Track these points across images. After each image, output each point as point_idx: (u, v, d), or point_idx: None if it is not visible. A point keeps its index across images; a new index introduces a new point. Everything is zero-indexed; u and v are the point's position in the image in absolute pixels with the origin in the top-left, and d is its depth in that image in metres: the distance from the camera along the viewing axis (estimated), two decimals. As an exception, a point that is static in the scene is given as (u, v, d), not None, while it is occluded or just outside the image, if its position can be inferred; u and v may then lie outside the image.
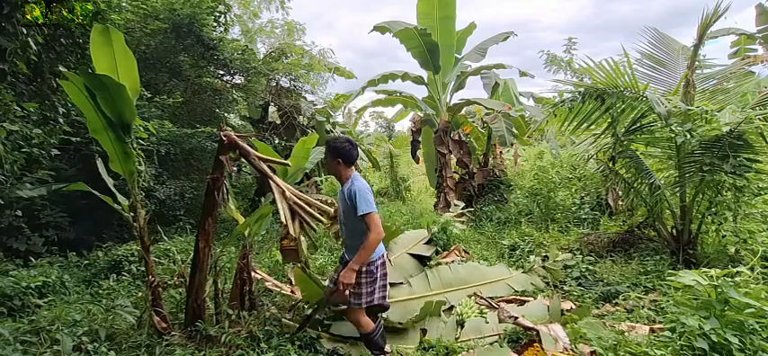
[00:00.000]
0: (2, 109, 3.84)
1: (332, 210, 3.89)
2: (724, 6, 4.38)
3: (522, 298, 4.22)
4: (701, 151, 4.27)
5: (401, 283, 4.39)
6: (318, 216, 3.42)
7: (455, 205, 7.78)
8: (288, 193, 3.32)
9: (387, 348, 3.12)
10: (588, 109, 4.84)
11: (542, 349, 3.00)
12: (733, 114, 4.20)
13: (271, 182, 2.97)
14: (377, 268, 2.84)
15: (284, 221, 3.38)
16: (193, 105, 8.01)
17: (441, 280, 4.40)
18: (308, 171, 8.37)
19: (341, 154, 2.93)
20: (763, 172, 4.34)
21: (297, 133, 9.44)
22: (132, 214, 3.47)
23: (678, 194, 4.72)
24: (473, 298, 4.13)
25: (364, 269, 2.88)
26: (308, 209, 3.29)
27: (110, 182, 3.57)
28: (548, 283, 4.68)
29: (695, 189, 4.49)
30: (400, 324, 3.63)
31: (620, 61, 4.51)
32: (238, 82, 8.66)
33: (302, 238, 3.73)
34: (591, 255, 5.13)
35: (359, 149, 2.96)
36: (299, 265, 3.78)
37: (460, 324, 3.67)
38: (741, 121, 3.96)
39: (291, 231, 3.42)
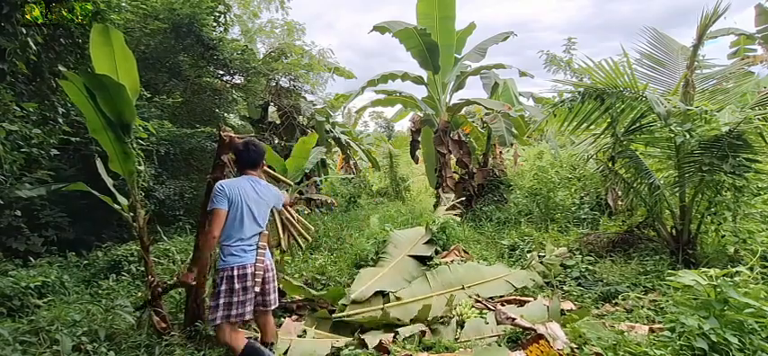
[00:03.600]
0: (1, 109, 3.83)
1: (313, 229, 4.29)
2: (723, 6, 4.40)
3: (522, 298, 4.21)
4: (701, 151, 4.28)
5: (404, 286, 4.38)
6: (303, 232, 3.84)
7: (446, 199, 7.77)
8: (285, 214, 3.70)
9: None
10: (588, 109, 4.84)
11: (549, 345, 2.98)
12: (732, 114, 4.20)
13: None
14: (222, 280, 2.58)
15: (279, 233, 3.72)
16: (193, 105, 8.00)
17: (441, 281, 4.40)
18: (307, 171, 8.39)
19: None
20: (763, 172, 4.35)
21: (296, 133, 9.46)
22: (132, 214, 3.47)
23: (678, 194, 4.72)
24: (472, 299, 4.12)
25: (217, 279, 2.69)
26: (297, 226, 3.79)
27: (109, 182, 3.58)
28: (547, 282, 4.68)
29: (695, 189, 4.49)
30: (399, 320, 3.65)
31: (619, 61, 4.52)
32: (238, 82, 8.66)
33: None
34: (590, 255, 5.12)
35: (259, 152, 2.85)
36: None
37: (460, 324, 3.67)
38: (740, 121, 3.97)
39: (283, 244, 3.77)
